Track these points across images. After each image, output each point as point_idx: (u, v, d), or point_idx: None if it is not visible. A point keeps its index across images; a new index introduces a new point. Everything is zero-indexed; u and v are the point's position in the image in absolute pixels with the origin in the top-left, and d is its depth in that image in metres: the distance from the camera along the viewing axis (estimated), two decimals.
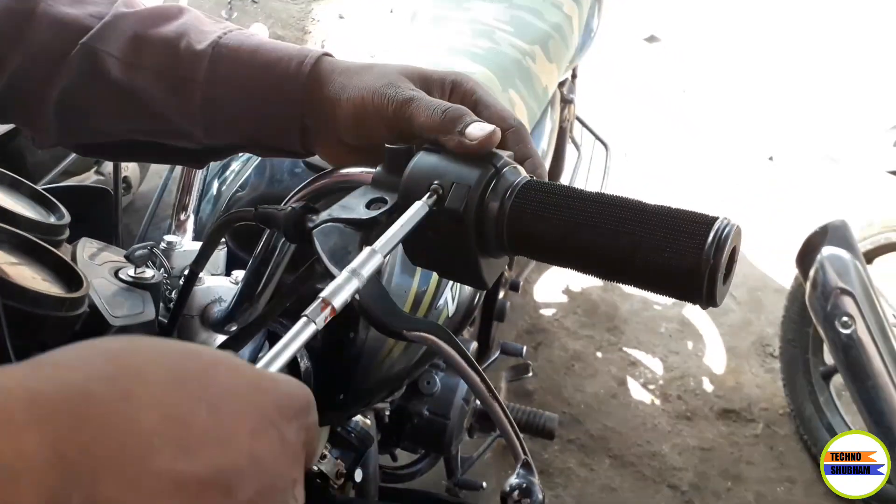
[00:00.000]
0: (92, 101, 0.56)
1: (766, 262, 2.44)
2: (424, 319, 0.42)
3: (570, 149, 2.02)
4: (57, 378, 0.25)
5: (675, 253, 0.40)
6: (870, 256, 1.73)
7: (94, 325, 0.56)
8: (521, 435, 0.40)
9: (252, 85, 0.52)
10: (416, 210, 0.44)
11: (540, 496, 0.38)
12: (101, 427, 0.25)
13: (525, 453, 0.39)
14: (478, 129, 0.46)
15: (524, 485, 0.38)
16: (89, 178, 1.93)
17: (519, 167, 0.48)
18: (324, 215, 0.47)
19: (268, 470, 0.29)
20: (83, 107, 0.57)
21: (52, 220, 0.62)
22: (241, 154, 0.96)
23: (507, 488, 0.38)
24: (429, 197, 0.44)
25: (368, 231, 0.46)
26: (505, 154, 0.47)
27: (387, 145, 0.48)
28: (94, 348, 0.28)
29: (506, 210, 0.45)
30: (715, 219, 0.40)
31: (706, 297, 0.40)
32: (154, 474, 0.26)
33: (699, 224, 0.40)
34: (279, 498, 0.30)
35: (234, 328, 0.67)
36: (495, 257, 0.48)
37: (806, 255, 1.57)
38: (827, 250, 1.53)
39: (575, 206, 0.43)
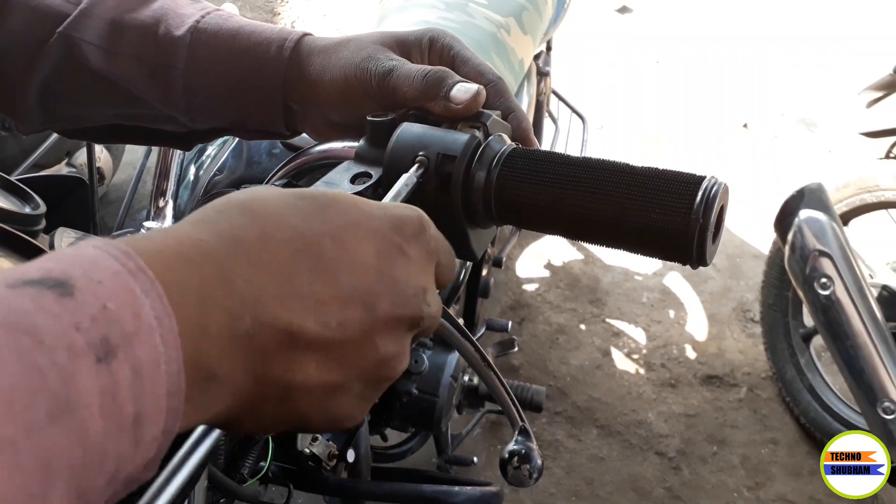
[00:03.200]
0: (73, 88, 0.55)
1: (744, 229, 2.47)
2: None
3: (546, 123, 2.01)
4: (210, 229, 0.31)
5: (663, 213, 0.40)
6: (846, 218, 1.75)
7: None
8: (517, 402, 0.40)
9: (232, 72, 0.52)
10: (405, 183, 0.43)
11: (539, 462, 0.38)
12: (251, 263, 0.30)
13: (522, 420, 0.39)
14: (462, 92, 0.46)
15: (523, 451, 0.38)
16: (61, 170, 1.89)
17: (504, 135, 0.47)
18: None
19: (398, 283, 0.34)
20: (64, 94, 0.56)
21: (28, 210, 0.60)
22: None
23: (506, 455, 0.38)
24: (416, 169, 0.44)
25: None
26: (494, 114, 0.47)
27: (368, 118, 0.47)
28: (230, 204, 0.33)
29: (493, 179, 0.44)
30: (702, 178, 0.40)
31: (696, 256, 0.40)
32: (299, 296, 0.31)
33: (687, 184, 0.40)
34: (413, 304, 0.35)
35: None
36: (483, 228, 0.48)
37: (784, 219, 1.59)
38: (804, 213, 1.54)
39: (562, 171, 0.43)
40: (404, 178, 0.43)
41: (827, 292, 1.51)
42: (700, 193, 0.39)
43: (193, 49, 0.52)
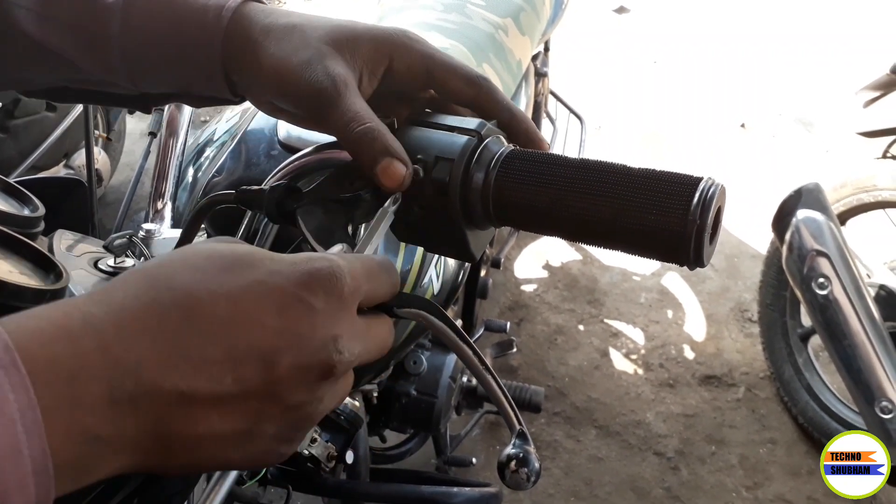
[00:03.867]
0: (8, 53, 0.53)
1: (742, 229, 2.47)
2: (415, 295, 0.42)
3: (545, 123, 2.02)
4: (103, 300, 0.32)
5: (661, 215, 0.40)
6: (843, 218, 1.75)
7: None
8: (515, 406, 0.40)
9: (168, 39, 0.49)
10: (379, 219, 0.44)
11: (536, 465, 0.38)
12: (136, 330, 0.31)
13: (520, 423, 0.39)
14: (386, 176, 0.43)
15: (521, 454, 0.38)
16: (59, 172, 1.90)
17: (501, 137, 0.48)
18: (307, 194, 0.46)
19: (302, 337, 0.34)
20: (2, 58, 0.53)
21: (26, 212, 0.60)
22: (215, 140, 0.94)
23: (504, 458, 0.38)
24: (391, 202, 0.44)
25: (353, 208, 0.45)
26: (490, 124, 0.47)
27: None
28: (136, 273, 0.34)
29: (491, 181, 0.44)
30: (699, 179, 0.40)
31: (693, 257, 0.40)
32: (186, 358, 0.32)
33: (684, 185, 0.40)
34: (322, 354, 0.35)
35: None
36: (482, 229, 0.48)
37: (781, 219, 1.59)
38: (802, 213, 1.54)
39: (560, 173, 0.43)
40: (379, 213, 0.44)
41: (824, 292, 1.51)
42: (697, 195, 0.39)
43: (127, 15, 0.49)
